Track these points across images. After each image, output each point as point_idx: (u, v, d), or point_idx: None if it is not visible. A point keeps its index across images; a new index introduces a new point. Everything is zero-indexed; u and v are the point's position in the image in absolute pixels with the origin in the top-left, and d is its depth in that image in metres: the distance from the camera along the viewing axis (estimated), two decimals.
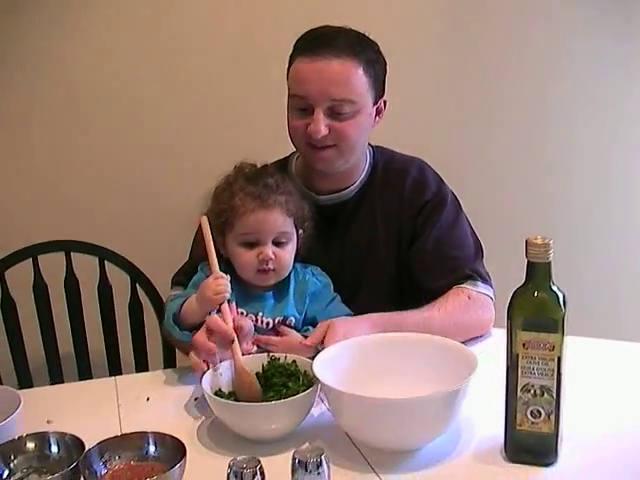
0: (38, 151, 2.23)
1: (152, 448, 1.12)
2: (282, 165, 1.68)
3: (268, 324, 1.48)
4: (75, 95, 2.22)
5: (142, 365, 1.99)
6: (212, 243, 1.39)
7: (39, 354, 1.95)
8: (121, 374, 1.87)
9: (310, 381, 1.27)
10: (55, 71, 2.21)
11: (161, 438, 1.12)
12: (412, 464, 1.15)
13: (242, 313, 1.45)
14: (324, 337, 1.37)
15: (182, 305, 1.43)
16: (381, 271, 1.64)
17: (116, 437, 1.13)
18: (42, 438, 1.14)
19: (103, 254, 1.96)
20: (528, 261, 1.09)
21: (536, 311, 1.10)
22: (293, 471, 0.97)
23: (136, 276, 1.97)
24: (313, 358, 1.27)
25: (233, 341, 1.31)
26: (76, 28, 2.19)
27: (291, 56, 1.57)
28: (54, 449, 1.13)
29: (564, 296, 1.10)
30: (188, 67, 2.27)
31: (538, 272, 1.09)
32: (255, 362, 1.33)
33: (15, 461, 1.12)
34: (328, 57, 1.49)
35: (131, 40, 2.23)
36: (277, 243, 1.48)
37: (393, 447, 1.18)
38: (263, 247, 1.46)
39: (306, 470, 0.96)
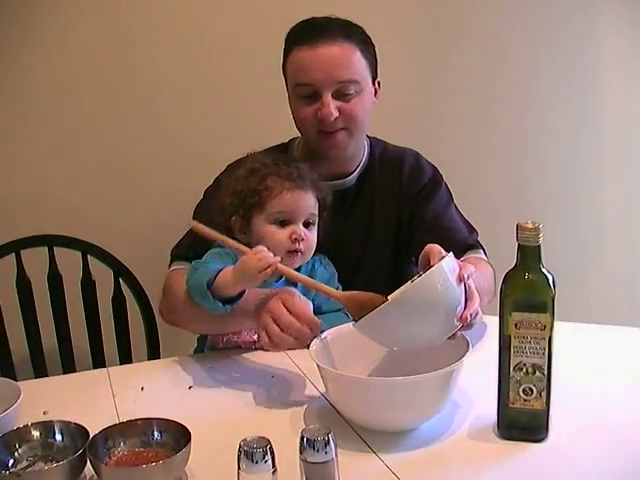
0: (21, 145, 2.20)
1: (156, 434, 1.13)
2: (282, 150, 1.70)
3: None
4: (60, 89, 2.18)
5: (126, 359, 1.99)
6: (224, 236, 1.36)
7: (23, 349, 1.94)
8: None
9: None
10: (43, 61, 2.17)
11: (165, 424, 1.13)
12: (408, 444, 1.18)
13: None
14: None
15: (216, 276, 1.34)
16: (378, 254, 1.68)
17: (121, 424, 1.14)
18: (46, 427, 1.14)
19: (86, 248, 1.96)
20: (519, 244, 1.12)
21: (527, 292, 1.13)
22: (301, 450, 0.99)
23: (119, 270, 1.97)
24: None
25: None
26: (73, 17, 2.16)
27: (285, 49, 1.60)
28: (58, 437, 1.13)
29: (553, 278, 1.13)
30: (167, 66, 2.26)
31: (528, 255, 1.12)
32: None
33: (20, 450, 1.11)
34: (327, 42, 1.54)
35: (125, 34, 2.20)
36: (306, 224, 1.48)
37: (392, 427, 1.20)
38: (295, 226, 1.45)
39: (314, 448, 0.98)
